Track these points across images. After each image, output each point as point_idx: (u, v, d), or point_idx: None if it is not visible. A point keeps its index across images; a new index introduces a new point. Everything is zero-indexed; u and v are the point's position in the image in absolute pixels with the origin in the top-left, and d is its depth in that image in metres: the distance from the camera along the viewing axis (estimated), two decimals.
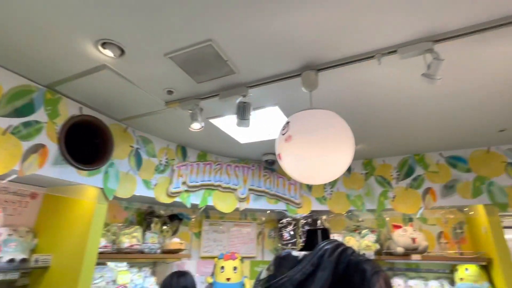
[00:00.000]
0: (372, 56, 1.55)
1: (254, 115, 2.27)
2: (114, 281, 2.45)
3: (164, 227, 3.20)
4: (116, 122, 2.50)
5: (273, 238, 3.75)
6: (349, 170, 3.31)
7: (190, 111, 2.06)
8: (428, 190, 2.93)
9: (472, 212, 2.94)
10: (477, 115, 2.24)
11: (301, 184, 3.38)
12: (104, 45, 1.56)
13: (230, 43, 1.55)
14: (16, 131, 1.81)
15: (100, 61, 1.70)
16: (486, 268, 2.72)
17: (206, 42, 1.52)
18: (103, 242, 2.42)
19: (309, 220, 3.42)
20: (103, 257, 2.36)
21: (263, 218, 3.77)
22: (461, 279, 2.77)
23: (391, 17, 1.35)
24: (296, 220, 3.47)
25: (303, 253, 1.06)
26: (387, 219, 3.39)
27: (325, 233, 1.23)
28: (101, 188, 2.29)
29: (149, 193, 2.66)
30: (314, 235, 1.24)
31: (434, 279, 2.98)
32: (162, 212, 3.27)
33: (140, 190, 2.59)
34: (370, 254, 3.06)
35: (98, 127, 2.28)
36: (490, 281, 2.66)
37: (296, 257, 1.06)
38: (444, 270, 3.01)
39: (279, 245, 3.56)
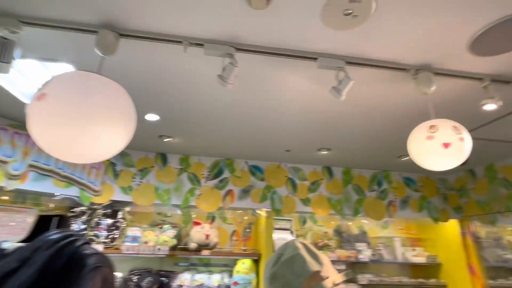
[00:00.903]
0: (180, 42, 1.48)
1: (44, 68, 1.77)
2: None
3: None
4: None
5: None
6: (164, 163, 3.20)
7: None
8: (229, 192, 3.22)
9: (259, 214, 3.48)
10: (267, 132, 2.61)
11: (106, 169, 2.97)
12: None
13: None
14: None
15: None
16: (257, 262, 3.24)
17: None
18: None
19: (109, 211, 3.03)
20: None
21: (52, 205, 3.04)
22: (238, 271, 3.17)
23: (197, 9, 1.32)
24: (93, 210, 2.99)
25: (18, 245, 0.80)
26: (194, 215, 3.50)
27: (64, 222, 1.00)
28: None
29: None
30: (47, 223, 0.98)
31: (219, 272, 3.28)
32: None
33: None
34: (165, 249, 3.02)
35: None
36: (257, 273, 3.18)
37: (3, 250, 0.81)
38: (231, 264, 3.37)
39: None
